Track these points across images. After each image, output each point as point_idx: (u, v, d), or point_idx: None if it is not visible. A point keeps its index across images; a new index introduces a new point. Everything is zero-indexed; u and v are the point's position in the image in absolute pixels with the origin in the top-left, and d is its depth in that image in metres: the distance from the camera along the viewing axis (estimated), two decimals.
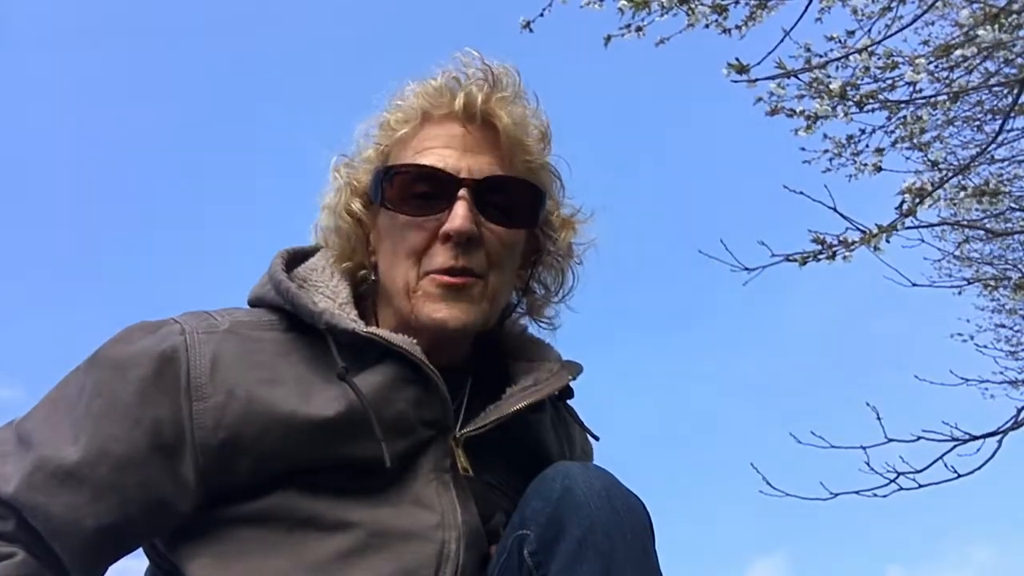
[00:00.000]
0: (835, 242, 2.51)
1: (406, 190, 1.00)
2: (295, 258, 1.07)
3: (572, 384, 1.09)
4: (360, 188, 1.06)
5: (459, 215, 0.97)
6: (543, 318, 1.15)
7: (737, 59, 2.20)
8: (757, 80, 2.35)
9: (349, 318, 0.96)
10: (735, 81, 2.25)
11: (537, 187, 1.06)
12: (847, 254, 2.54)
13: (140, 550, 0.96)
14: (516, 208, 1.04)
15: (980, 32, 2.20)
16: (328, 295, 1.00)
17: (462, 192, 0.98)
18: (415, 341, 0.96)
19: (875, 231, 2.44)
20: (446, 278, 0.97)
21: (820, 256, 2.61)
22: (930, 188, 2.43)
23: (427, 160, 1.00)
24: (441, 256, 0.98)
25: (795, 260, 2.67)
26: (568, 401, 1.13)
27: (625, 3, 2.25)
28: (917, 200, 2.42)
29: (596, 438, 1.15)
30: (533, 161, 1.06)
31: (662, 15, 2.50)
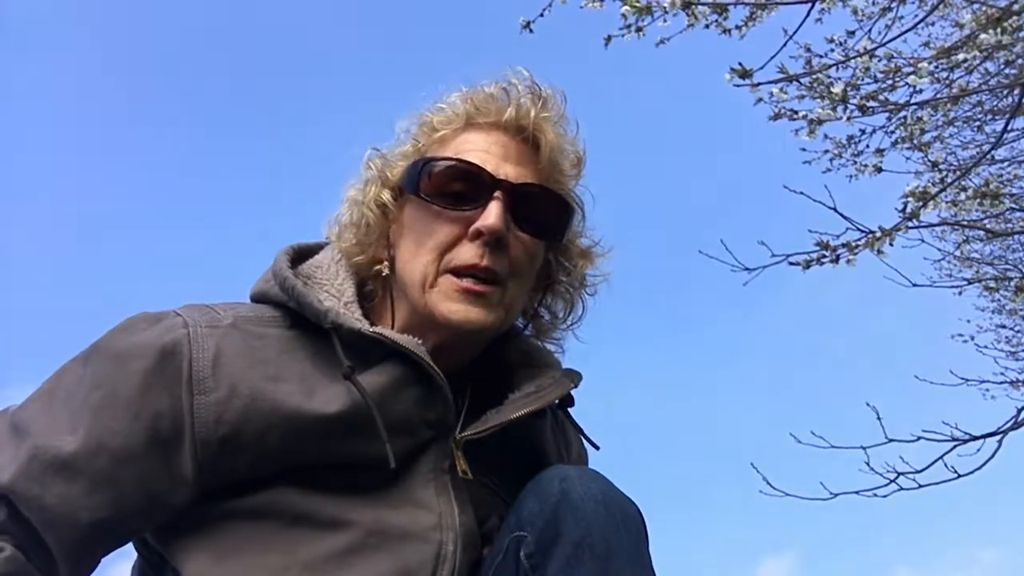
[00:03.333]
0: (839, 245, 2.51)
1: (443, 183, 1.00)
2: (300, 254, 1.07)
3: (572, 392, 1.09)
4: (392, 181, 1.06)
5: (494, 213, 0.97)
6: (551, 342, 1.16)
7: (740, 64, 2.20)
8: (760, 84, 2.35)
9: (354, 317, 0.96)
10: (738, 85, 2.26)
11: (569, 203, 1.07)
12: (851, 257, 2.53)
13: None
14: (546, 220, 1.04)
15: (982, 36, 2.19)
16: (333, 293, 0.99)
17: (498, 193, 0.98)
18: (420, 341, 0.96)
19: (878, 233, 2.43)
20: (467, 283, 0.97)
21: (824, 259, 2.60)
22: (934, 191, 2.43)
23: (467, 158, 1.01)
24: (468, 252, 0.98)
25: (798, 264, 2.66)
26: (568, 409, 1.13)
27: (628, 8, 2.25)
28: (920, 203, 2.42)
29: (596, 447, 1.15)
30: (564, 187, 1.07)
31: (664, 21, 2.50)
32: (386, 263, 1.04)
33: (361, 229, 1.05)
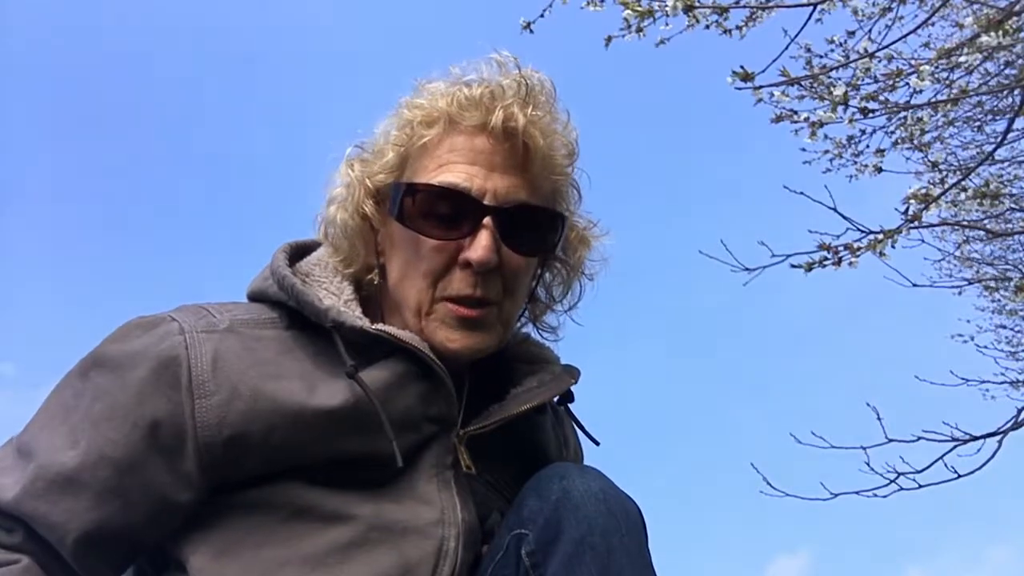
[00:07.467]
0: (840, 246, 2.51)
1: (428, 209, 0.96)
2: (297, 252, 1.05)
3: (572, 388, 1.09)
4: (373, 188, 1.01)
5: (483, 245, 0.94)
6: (546, 327, 1.14)
7: (742, 67, 2.20)
8: (762, 87, 2.35)
9: (355, 315, 0.95)
10: (739, 88, 2.26)
11: (560, 215, 1.04)
12: (853, 260, 2.52)
13: None
14: (538, 236, 1.01)
15: (984, 38, 2.19)
16: (332, 291, 0.99)
17: (487, 221, 0.95)
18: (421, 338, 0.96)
19: (880, 236, 2.43)
20: (463, 310, 0.96)
21: (826, 261, 2.60)
22: (936, 194, 2.43)
23: (452, 177, 0.96)
24: (459, 282, 0.96)
25: (800, 266, 2.65)
26: (568, 405, 1.13)
27: (630, 13, 2.25)
28: (922, 206, 2.42)
29: (596, 443, 1.15)
30: (559, 179, 1.04)
31: (666, 24, 2.51)
32: (376, 271, 1.02)
33: (349, 237, 1.02)
